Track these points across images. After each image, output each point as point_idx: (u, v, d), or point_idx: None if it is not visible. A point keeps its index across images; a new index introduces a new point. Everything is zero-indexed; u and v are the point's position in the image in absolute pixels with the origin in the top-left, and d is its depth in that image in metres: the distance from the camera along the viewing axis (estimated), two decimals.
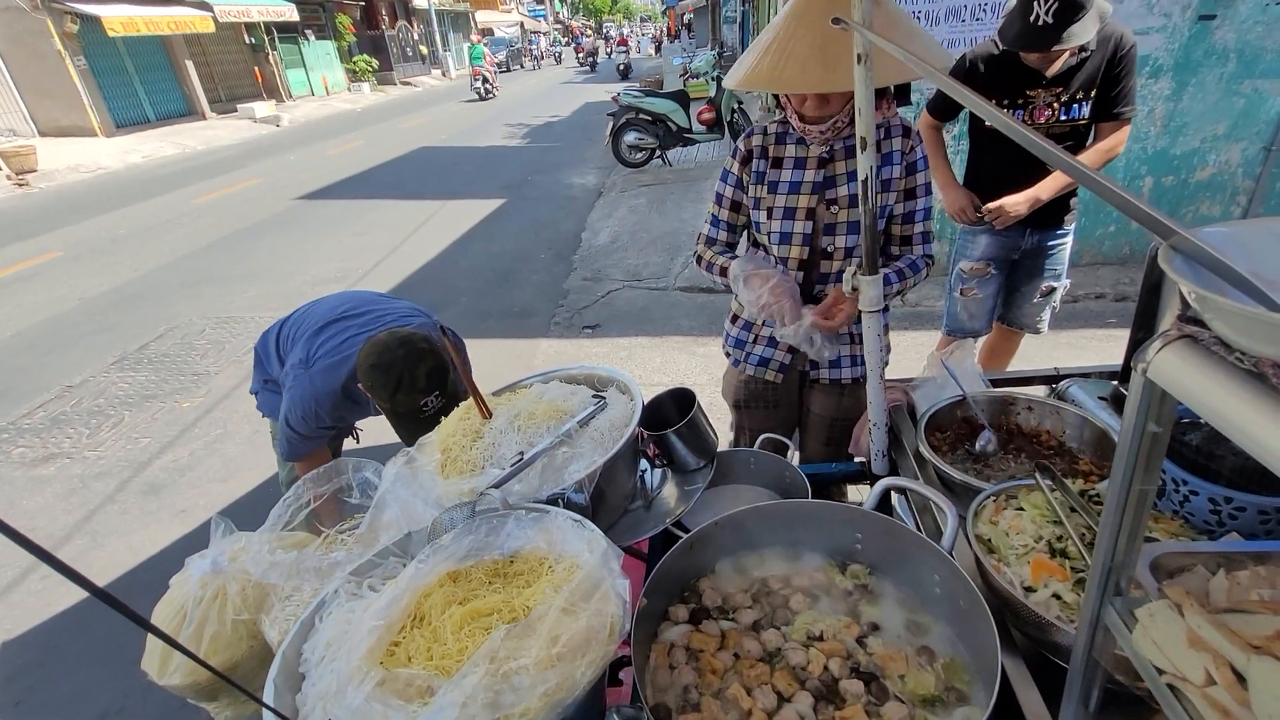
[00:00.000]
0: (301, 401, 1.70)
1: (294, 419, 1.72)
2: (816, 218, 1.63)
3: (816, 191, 1.61)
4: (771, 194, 1.64)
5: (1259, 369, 0.45)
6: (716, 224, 1.77)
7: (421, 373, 1.52)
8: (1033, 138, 0.64)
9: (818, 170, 1.60)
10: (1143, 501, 0.60)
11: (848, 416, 1.83)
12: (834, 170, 1.60)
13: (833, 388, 1.83)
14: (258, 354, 2.03)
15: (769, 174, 1.64)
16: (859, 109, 1.15)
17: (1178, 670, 0.55)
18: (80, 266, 6.64)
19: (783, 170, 1.63)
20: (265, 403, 2.06)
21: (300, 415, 1.71)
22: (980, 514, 1.04)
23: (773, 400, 1.91)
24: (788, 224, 1.64)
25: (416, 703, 0.72)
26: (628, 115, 8.98)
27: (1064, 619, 0.84)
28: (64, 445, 3.69)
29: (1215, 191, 4.49)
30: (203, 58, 17.74)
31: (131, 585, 2.66)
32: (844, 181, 1.59)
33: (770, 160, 1.64)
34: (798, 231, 1.63)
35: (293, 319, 1.92)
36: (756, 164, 1.65)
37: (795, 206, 1.63)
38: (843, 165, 1.59)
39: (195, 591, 1.14)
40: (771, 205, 1.65)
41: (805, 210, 1.62)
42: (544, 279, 5.71)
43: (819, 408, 1.87)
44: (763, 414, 1.93)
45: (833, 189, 1.60)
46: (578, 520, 0.97)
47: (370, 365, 1.53)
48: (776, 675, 0.88)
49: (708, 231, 1.79)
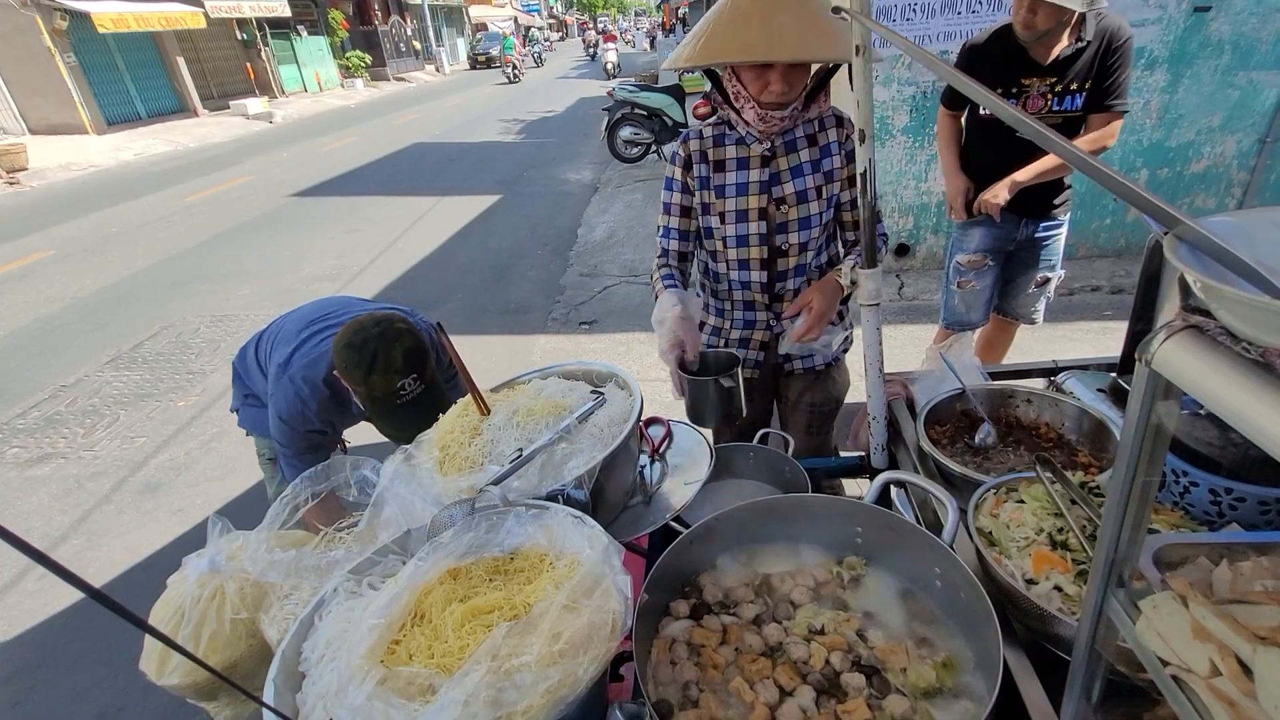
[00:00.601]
0: (287, 403, 1.65)
1: (282, 427, 1.67)
2: (769, 217, 1.60)
3: (764, 191, 1.58)
4: (720, 198, 1.60)
5: (1266, 359, 0.45)
6: (668, 234, 1.68)
7: (398, 352, 1.47)
8: (1030, 123, 0.63)
9: (762, 169, 1.56)
10: (1146, 493, 0.60)
11: (825, 401, 1.85)
12: (777, 167, 1.56)
13: (808, 375, 1.84)
14: (236, 370, 2.00)
15: (713, 178, 1.59)
16: (858, 101, 1.15)
17: (1182, 661, 0.55)
18: (72, 265, 6.59)
19: (727, 173, 1.58)
20: (247, 418, 2.02)
21: (287, 418, 1.66)
22: (981, 507, 1.04)
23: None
24: (742, 227, 1.61)
25: (418, 701, 0.72)
26: (623, 110, 8.95)
27: (1065, 611, 0.84)
28: (59, 445, 3.67)
29: (1210, 184, 4.50)
30: (194, 54, 17.60)
31: (129, 585, 2.66)
32: (789, 178, 1.57)
33: (712, 164, 1.59)
34: (753, 233, 1.61)
35: (270, 329, 1.90)
36: (698, 169, 1.60)
37: (747, 209, 1.59)
38: (784, 161, 1.56)
39: (193, 591, 1.13)
40: (723, 210, 1.61)
41: (757, 211, 1.59)
42: (540, 275, 5.70)
43: (796, 396, 1.88)
44: None
45: (779, 186, 1.57)
46: (578, 516, 0.97)
47: (345, 345, 1.48)
48: (778, 669, 0.88)
49: (660, 243, 1.69)
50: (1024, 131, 0.65)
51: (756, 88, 1.42)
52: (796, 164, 1.57)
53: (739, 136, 1.55)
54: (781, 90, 1.40)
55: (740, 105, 1.48)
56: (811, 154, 1.58)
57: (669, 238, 1.67)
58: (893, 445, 1.47)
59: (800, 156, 1.57)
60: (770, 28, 1.30)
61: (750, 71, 1.41)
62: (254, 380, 1.92)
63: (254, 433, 2.02)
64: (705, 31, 1.39)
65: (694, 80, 10.71)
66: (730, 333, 1.79)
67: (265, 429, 1.94)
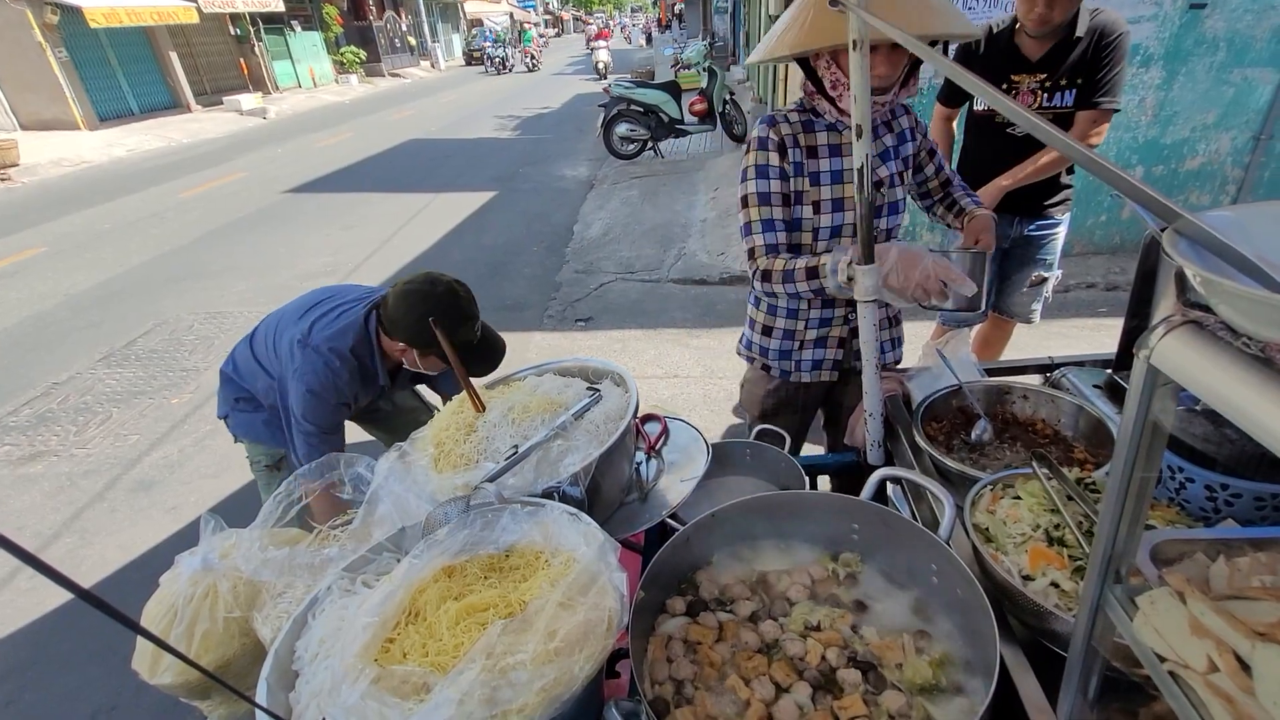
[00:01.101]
0: (317, 375, 1.66)
1: (312, 401, 1.67)
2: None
3: None
4: (815, 186, 1.50)
5: (1265, 354, 0.45)
6: (772, 227, 1.50)
7: (468, 297, 1.62)
8: (1028, 116, 0.63)
9: None
10: (1144, 489, 0.60)
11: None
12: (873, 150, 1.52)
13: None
14: (225, 375, 1.99)
15: (807, 164, 1.49)
16: (855, 96, 1.14)
17: (1179, 657, 0.55)
18: (64, 262, 6.54)
19: (820, 159, 1.50)
20: (239, 424, 1.99)
21: (319, 389, 1.66)
22: (977, 503, 1.04)
23: (801, 404, 1.83)
24: (838, 216, 1.52)
25: (412, 700, 0.71)
26: (619, 107, 8.92)
27: (1062, 607, 0.84)
28: (51, 443, 3.64)
29: (1205, 181, 4.51)
30: (187, 49, 17.46)
31: (122, 583, 2.64)
32: (879, 163, 1.53)
33: (804, 149, 1.49)
34: (848, 222, 1.52)
35: (265, 323, 1.91)
36: (792, 153, 1.48)
37: (843, 196, 1.51)
38: (880, 144, 1.53)
39: (186, 589, 1.12)
40: (818, 199, 1.51)
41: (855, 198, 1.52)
42: (536, 272, 5.68)
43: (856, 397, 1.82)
44: (788, 419, 1.83)
45: (874, 171, 1.50)
46: (573, 514, 0.96)
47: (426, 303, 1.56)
48: (774, 666, 0.88)
49: (763, 240, 1.51)
50: (1022, 124, 0.64)
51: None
52: (882, 149, 1.54)
53: (829, 123, 1.49)
54: (885, 73, 1.34)
55: (839, 93, 1.41)
56: (890, 139, 1.56)
57: (774, 231, 1.51)
58: (889, 442, 1.47)
59: (884, 142, 1.55)
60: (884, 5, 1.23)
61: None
62: (253, 378, 1.90)
63: (246, 438, 2.00)
64: (803, 18, 1.31)
65: (690, 76, 10.70)
66: (805, 334, 1.69)
67: (260, 434, 1.93)
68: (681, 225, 6.52)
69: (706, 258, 5.57)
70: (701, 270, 5.34)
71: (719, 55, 13.53)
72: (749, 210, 1.52)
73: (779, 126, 1.49)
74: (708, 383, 3.85)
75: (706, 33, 18.09)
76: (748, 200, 1.52)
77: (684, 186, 7.89)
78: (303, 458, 1.73)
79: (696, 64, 10.52)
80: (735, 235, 5.79)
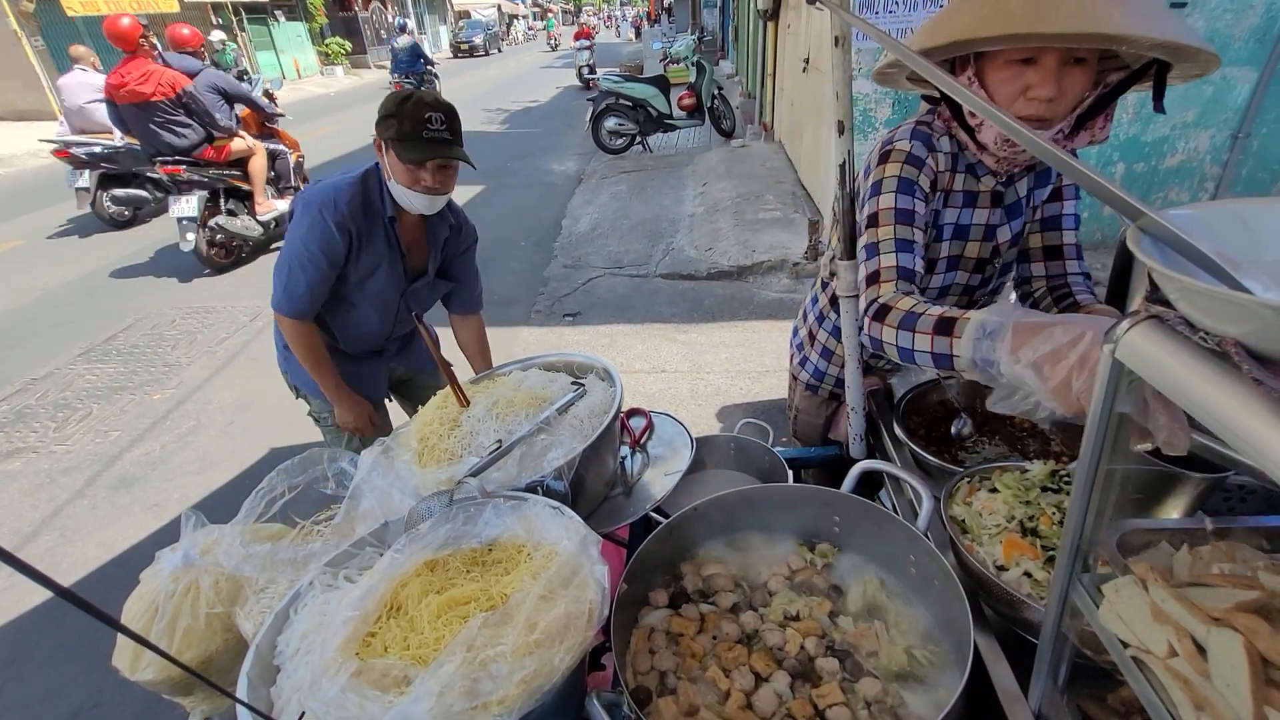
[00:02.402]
0: (318, 191, 1.63)
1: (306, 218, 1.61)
2: (984, 270, 1.29)
3: (990, 237, 1.24)
4: (938, 241, 1.25)
5: (1222, 348, 0.46)
6: (909, 249, 1.13)
7: (431, 98, 1.56)
8: (1003, 117, 0.64)
9: (992, 209, 1.22)
10: (1111, 480, 0.61)
11: None
12: (1003, 203, 1.24)
13: None
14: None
15: (941, 212, 1.22)
16: (837, 93, 1.15)
17: (1142, 643, 0.57)
18: (42, 255, 6.42)
19: (947, 209, 1.22)
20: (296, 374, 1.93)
21: (319, 201, 1.60)
22: (954, 495, 1.06)
23: None
24: (951, 276, 1.29)
25: (393, 692, 0.72)
26: (607, 101, 8.89)
27: (1034, 596, 0.86)
28: (29, 440, 3.59)
29: (1184, 178, 4.58)
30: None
31: (103, 581, 2.61)
32: (1005, 219, 1.24)
33: (943, 193, 1.21)
34: (958, 283, 1.30)
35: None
36: (937, 198, 1.19)
37: (961, 255, 1.27)
38: (1013, 196, 1.23)
39: (167, 585, 1.11)
40: (937, 255, 1.26)
41: (974, 261, 1.27)
42: (524, 266, 5.66)
43: None
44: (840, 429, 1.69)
45: (1003, 228, 1.26)
46: (556, 507, 0.97)
47: (387, 98, 1.57)
48: (754, 656, 0.89)
49: (897, 261, 1.12)
50: (997, 125, 0.65)
51: (1010, 92, 0.99)
52: (1014, 200, 1.24)
53: (969, 163, 1.19)
54: (1049, 95, 0.96)
55: (979, 122, 1.09)
56: (1027, 184, 1.25)
57: (913, 254, 1.13)
58: (871, 436, 1.49)
59: (1019, 190, 1.24)
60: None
61: (1005, 70, 0.99)
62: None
63: (306, 390, 1.97)
64: (952, 7, 1.01)
65: (678, 71, 10.67)
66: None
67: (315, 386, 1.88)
68: (670, 220, 6.51)
69: (694, 253, 5.57)
70: (689, 265, 5.34)
71: (708, 50, 13.50)
72: (880, 229, 1.14)
73: (937, 155, 1.17)
74: (695, 378, 3.86)
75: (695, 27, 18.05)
76: (880, 218, 1.15)
77: (672, 181, 7.89)
78: (280, 290, 1.66)
79: (685, 58, 10.49)
80: (723, 230, 5.80)
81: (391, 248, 1.74)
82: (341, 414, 1.89)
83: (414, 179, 1.60)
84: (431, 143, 1.55)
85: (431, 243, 1.84)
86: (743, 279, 5.10)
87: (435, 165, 1.59)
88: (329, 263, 1.65)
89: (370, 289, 1.77)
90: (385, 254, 1.73)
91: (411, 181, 1.60)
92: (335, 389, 1.84)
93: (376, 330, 1.90)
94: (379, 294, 1.79)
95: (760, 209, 6.13)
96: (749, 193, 6.58)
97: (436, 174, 1.61)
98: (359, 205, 1.64)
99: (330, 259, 1.65)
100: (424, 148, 1.54)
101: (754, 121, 9.61)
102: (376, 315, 1.84)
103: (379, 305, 1.82)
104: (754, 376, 3.81)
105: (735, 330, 4.39)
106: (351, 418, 1.89)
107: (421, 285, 1.87)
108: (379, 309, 1.83)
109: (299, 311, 1.69)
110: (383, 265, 1.74)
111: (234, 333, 4.71)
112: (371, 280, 1.76)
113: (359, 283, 1.75)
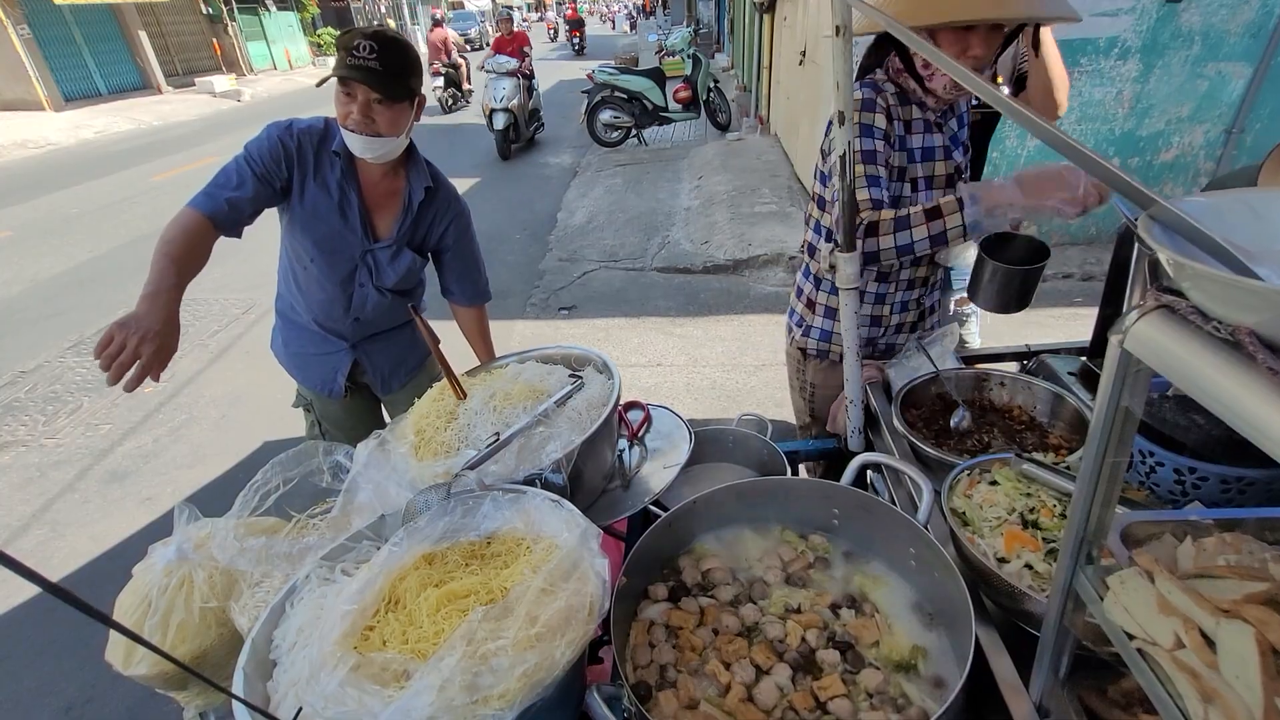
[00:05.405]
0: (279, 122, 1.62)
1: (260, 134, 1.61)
2: (954, 184, 1.51)
3: (948, 156, 1.50)
4: (913, 162, 1.47)
5: (1235, 337, 0.45)
6: (878, 184, 1.39)
7: (374, 30, 1.50)
8: (1008, 100, 0.63)
9: (940, 134, 1.49)
10: (1116, 472, 0.61)
11: None
12: (948, 134, 1.52)
13: None
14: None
15: (908, 139, 1.46)
16: (838, 82, 1.14)
17: (1147, 635, 0.56)
18: (31, 247, 6.35)
19: (913, 135, 1.46)
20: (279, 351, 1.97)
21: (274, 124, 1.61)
22: (954, 488, 1.05)
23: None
24: (928, 195, 1.49)
25: (393, 687, 0.71)
26: (603, 93, 8.84)
27: (1036, 588, 0.86)
28: (19, 433, 3.55)
29: (1178, 172, 4.59)
30: (157, 28, 16.94)
31: (95, 575, 2.59)
32: (955, 147, 1.52)
33: (903, 123, 1.45)
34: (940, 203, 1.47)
35: None
36: (895, 125, 1.43)
37: (932, 174, 1.49)
38: (949, 129, 1.51)
39: (160, 579, 1.10)
40: (916, 175, 1.47)
41: (944, 178, 1.50)
42: (519, 260, 5.63)
43: None
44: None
45: (951, 157, 1.52)
46: (555, 500, 0.96)
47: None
48: (755, 649, 0.89)
49: (871, 195, 1.38)
50: (1000, 108, 0.65)
51: (954, 51, 1.30)
52: (951, 135, 1.52)
53: (919, 99, 1.46)
54: (981, 54, 1.30)
55: (930, 73, 1.39)
56: (955, 123, 1.54)
57: (880, 187, 1.40)
58: (870, 429, 1.49)
59: (951, 127, 1.52)
60: None
61: (951, 34, 1.30)
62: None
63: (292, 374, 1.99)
64: None
65: (674, 64, 10.61)
66: (890, 319, 1.66)
67: None
68: (665, 214, 6.49)
69: (690, 246, 5.56)
70: (685, 259, 5.33)
71: (704, 42, 13.44)
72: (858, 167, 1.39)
73: (884, 94, 1.42)
74: (691, 371, 3.85)
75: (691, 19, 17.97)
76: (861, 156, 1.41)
77: (668, 174, 7.86)
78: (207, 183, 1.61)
79: (681, 51, 10.44)
80: (719, 223, 5.79)
81: (345, 192, 1.64)
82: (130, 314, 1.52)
83: (344, 113, 1.52)
84: (354, 69, 1.46)
85: (404, 207, 1.73)
86: (739, 273, 5.09)
87: (363, 101, 1.50)
88: (263, 168, 1.58)
89: (321, 235, 1.67)
90: (337, 195, 1.64)
91: (342, 117, 1.53)
92: (152, 295, 1.56)
93: (333, 295, 1.78)
94: (331, 246, 1.69)
95: (756, 202, 6.12)
96: (745, 186, 6.57)
97: (365, 109, 1.51)
98: (315, 134, 1.61)
99: (264, 166, 1.58)
100: (344, 71, 1.47)
101: (750, 115, 9.58)
102: (331, 273, 1.74)
103: (332, 262, 1.72)
104: (750, 370, 3.80)
105: (731, 324, 4.38)
106: (132, 320, 1.49)
107: (383, 249, 1.75)
108: (332, 266, 1.73)
109: (200, 201, 1.60)
110: (333, 209, 1.66)
111: (226, 325, 4.68)
112: (321, 224, 1.66)
113: (307, 223, 1.66)
